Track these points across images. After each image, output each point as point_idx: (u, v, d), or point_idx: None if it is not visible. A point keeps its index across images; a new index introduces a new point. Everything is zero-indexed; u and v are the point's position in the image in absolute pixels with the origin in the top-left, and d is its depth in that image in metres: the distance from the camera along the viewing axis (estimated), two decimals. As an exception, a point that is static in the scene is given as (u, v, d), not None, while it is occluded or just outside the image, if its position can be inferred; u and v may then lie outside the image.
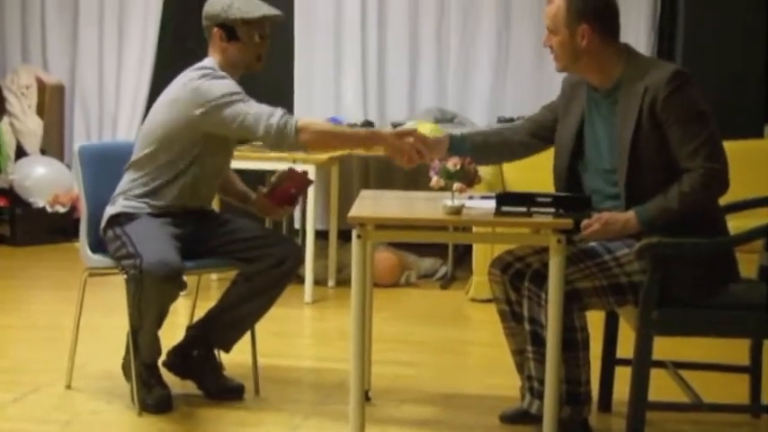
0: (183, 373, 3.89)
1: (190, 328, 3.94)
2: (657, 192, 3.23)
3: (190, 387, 3.87)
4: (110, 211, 3.73)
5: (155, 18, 7.36)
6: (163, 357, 3.80)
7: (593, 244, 3.31)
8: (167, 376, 3.80)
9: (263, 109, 3.60)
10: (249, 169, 5.54)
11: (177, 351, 3.89)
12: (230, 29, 3.70)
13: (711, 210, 3.33)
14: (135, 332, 3.62)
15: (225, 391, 3.85)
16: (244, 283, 3.78)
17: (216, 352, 3.91)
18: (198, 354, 3.87)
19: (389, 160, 3.70)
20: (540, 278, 3.21)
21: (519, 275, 3.46)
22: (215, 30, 3.72)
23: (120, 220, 3.69)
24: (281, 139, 3.58)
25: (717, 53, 6.53)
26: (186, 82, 3.68)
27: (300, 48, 7.17)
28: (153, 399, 3.66)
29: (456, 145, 3.58)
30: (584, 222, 3.27)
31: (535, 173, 3.76)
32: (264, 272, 3.73)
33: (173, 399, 3.72)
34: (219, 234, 3.81)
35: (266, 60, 3.82)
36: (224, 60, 3.74)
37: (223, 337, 3.87)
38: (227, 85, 3.64)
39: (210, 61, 3.75)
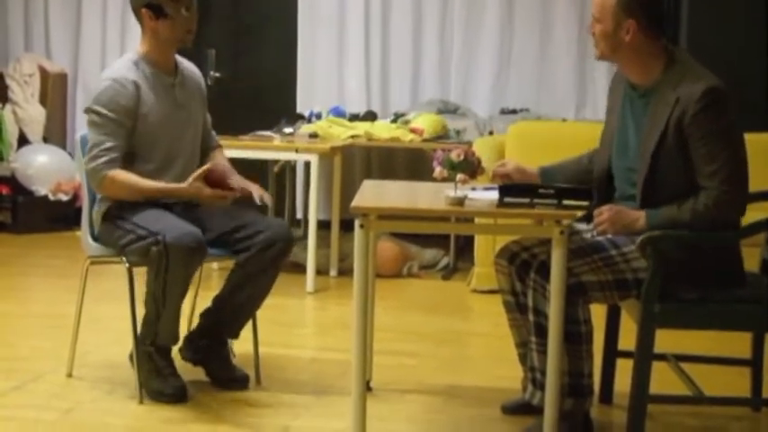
0: (195, 361, 3.91)
1: (200, 316, 3.95)
2: (672, 200, 3.21)
3: (190, 375, 3.86)
4: (101, 208, 3.75)
5: (158, 6, 7.36)
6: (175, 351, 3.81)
7: (599, 238, 3.30)
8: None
9: (101, 145, 3.66)
10: (252, 159, 5.55)
11: (187, 340, 3.92)
12: (157, 7, 3.75)
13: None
14: (153, 317, 3.62)
15: (230, 381, 3.86)
16: (239, 271, 3.79)
17: (228, 341, 3.93)
18: (205, 343, 3.89)
19: (392, 150, 3.67)
20: (547, 270, 3.19)
21: (525, 266, 3.44)
22: (143, 11, 3.77)
23: (116, 212, 3.70)
24: (90, 179, 3.71)
25: (720, 49, 6.50)
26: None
27: (304, 37, 7.15)
28: (170, 389, 3.67)
29: (547, 177, 3.53)
30: (597, 210, 3.26)
31: (538, 164, 3.74)
32: (256, 256, 3.73)
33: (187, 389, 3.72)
34: (212, 227, 3.79)
35: (268, 49, 3.80)
36: (155, 41, 3.80)
37: (228, 325, 3.88)
38: (105, 101, 3.71)
39: (128, 58, 3.84)
